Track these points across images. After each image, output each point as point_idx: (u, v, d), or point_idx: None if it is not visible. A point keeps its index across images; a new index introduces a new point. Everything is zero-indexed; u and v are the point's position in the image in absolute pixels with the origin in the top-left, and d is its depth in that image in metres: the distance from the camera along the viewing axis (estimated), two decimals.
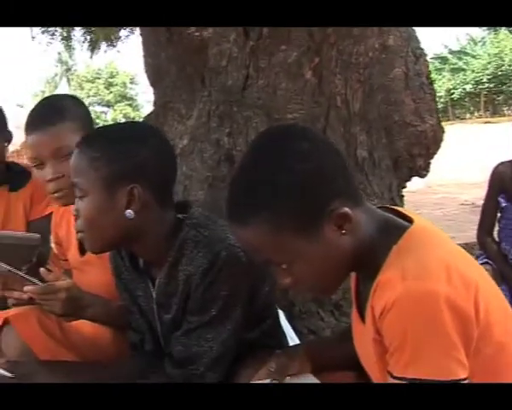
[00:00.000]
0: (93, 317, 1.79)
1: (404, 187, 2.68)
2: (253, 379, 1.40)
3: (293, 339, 1.84)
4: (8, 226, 2.61)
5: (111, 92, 41.26)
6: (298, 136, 1.20)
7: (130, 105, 41.52)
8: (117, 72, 41.88)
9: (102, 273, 1.84)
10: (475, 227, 2.93)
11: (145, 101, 42.49)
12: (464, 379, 1.06)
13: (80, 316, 1.78)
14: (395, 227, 1.20)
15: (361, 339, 1.30)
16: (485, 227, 2.88)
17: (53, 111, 1.81)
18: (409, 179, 2.69)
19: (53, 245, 2.26)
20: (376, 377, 1.24)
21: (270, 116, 2.34)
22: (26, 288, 1.67)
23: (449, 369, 1.05)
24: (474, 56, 31.95)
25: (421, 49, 2.62)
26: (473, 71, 31.19)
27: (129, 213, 1.44)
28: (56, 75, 45.20)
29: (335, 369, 1.43)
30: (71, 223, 2.01)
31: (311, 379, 1.38)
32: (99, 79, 41.33)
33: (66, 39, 10.48)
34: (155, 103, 3.09)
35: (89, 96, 40.59)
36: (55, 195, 1.82)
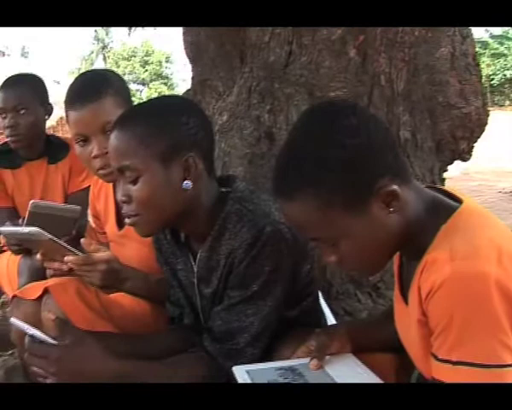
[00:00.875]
0: (131, 290, 1.79)
1: (446, 170, 2.65)
2: (293, 357, 1.39)
3: (330, 320, 1.83)
4: (46, 198, 2.65)
5: (146, 70, 41.43)
6: (347, 111, 1.17)
7: (165, 84, 41.63)
8: (153, 50, 42.01)
9: (140, 247, 1.84)
10: None
11: (180, 79, 42.62)
12: (511, 365, 1.04)
13: (119, 288, 1.79)
14: (443, 207, 1.18)
15: (403, 321, 1.28)
16: None
17: (97, 85, 1.77)
18: (451, 163, 2.65)
19: (90, 218, 2.28)
20: (418, 359, 1.22)
21: (312, 94, 2.32)
22: (66, 258, 1.68)
23: (496, 353, 1.03)
24: None
25: (469, 30, 2.57)
26: None
27: (187, 183, 1.40)
28: (92, 53, 45.59)
29: (375, 350, 1.41)
30: (109, 196, 2.02)
31: (350, 359, 1.36)
32: (135, 57, 41.51)
33: None
34: (193, 80, 3.09)
35: (124, 74, 40.70)
36: (101, 171, 1.78)
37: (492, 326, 1.02)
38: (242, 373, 1.31)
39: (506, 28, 32.26)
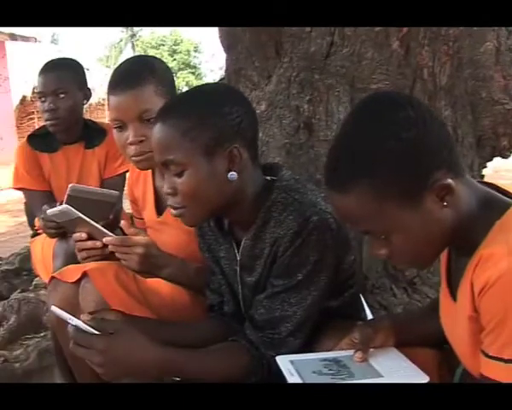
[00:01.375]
0: (169, 276, 1.79)
1: (486, 167, 2.62)
2: (336, 349, 1.38)
3: (367, 313, 1.82)
4: (82, 183, 2.66)
5: (174, 59, 41.53)
6: (403, 104, 1.16)
7: (193, 73, 41.69)
8: (181, 39, 42.06)
9: (179, 234, 1.84)
10: None
11: (208, 70, 42.67)
12: None
13: (156, 274, 1.79)
14: (497, 202, 1.16)
15: (450, 317, 1.27)
16: None
17: (139, 72, 1.75)
18: (491, 159, 2.63)
19: (128, 203, 2.29)
20: (466, 356, 1.21)
21: (353, 86, 2.31)
22: (105, 239, 1.69)
23: None
24: None
25: None
26: None
27: (232, 174, 1.40)
28: (121, 40, 45.79)
29: (418, 345, 1.41)
30: (148, 182, 2.03)
31: (394, 353, 1.36)
32: (163, 45, 41.61)
33: None
34: (227, 69, 3.09)
35: None
36: (136, 158, 1.79)
37: None
38: (286, 363, 1.31)
39: None
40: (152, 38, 42.32)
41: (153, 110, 1.70)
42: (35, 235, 2.85)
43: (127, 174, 2.70)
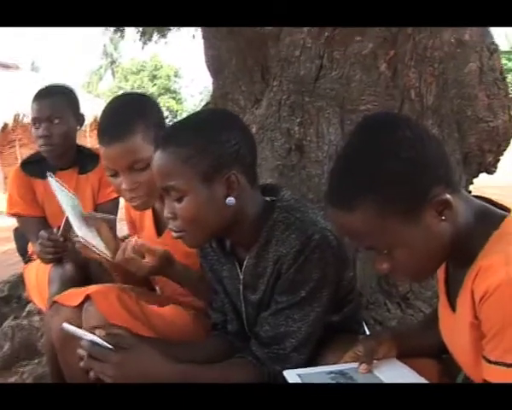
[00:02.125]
0: (173, 276, 1.85)
1: (472, 183, 2.68)
2: (340, 362, 1.42)
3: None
4: None
5: (155, 85, 41.56)
6: (402, 124, 1.22)
7: (173, 98, 41.74)
8: (161, 65, 42.15)
9: (178, 255, 1.87)
10: None
11: (188, 95, 42.78)
12: None
13: (163, 274, 1.84)
14: (492, 215, 1.22)
15: (450, 327, 1.31)
16: None
17: (126, 121, 1.77)
18: (477, 175, 2.69)
19: (125, 225, 2.31)
20: (468, 364, 1.26)
21: (342, 107, 2.36)
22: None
23: None
24: None
25: (496, 45, 2.61)
26: None
27: (230, 200, 1.44)
28: (101, 67, 45.82)
29: (418, 356, 1.45)
30: None
31: (396, 363, 1.40)
32: (143, 71, 41.65)
33: (121, 30, 10.63)
34: (214, 93, 3.14)
35: (133, 89, 40.94)
36: (131, 202, 1.84)
37: None
38: (294, 377, 1.34)
39: None
40: (132, 64, 42.36)
41: (143, 159, 1.75)
42: (28, 261, 2.86)
43: (121, 198, 2.75)
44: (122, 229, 2.59)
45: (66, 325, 1.43)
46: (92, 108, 11.82)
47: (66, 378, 1.98)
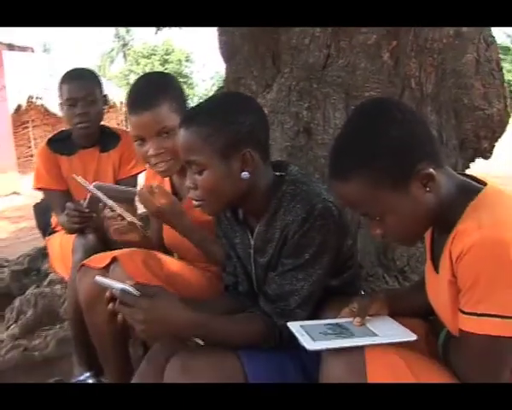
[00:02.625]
0: (185, 229, 2.05)
1: (468, 167, 2.84)
2: (338, 317, 1.60)
3: None
4: None
5: (166, 69, 41.43)
6: (393, 107, 1.41)
7: (185, 83, 41.74)
8: (173, 49, 42.10)
9: (195, 223, 2.06)
10: None
11: (200, 79, 42.71)
12: None
13: (176, 228, 2.04)
14: (471, 188, 1.40)
15: (434, 287, 1.50)
16: None
17: (155, 92, 1.98)
18: (473, 160, 2.85)
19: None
20: (447, 318, 1.44)
21: (348, 94, 2.53)
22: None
23: None
24: None
25: (493, 37, 2.76)
26: None
27: (245, 174, 1.63)
28: (113, 50, 45.86)
29: (407, 315, 1.62)
30: (164, 179, 2.25)
31: (387, 318, 1.58)
32: (155, 55, 41.58)
33: None
34: (227, 78, 3.28)
35: (144, 72, 41.02)
36: (156, 168, 2.04)
37: (511, 284, 1.24)
38: (297, 327, 1.51)
39: None
40: (143, 48, 42.30)
41: (169, 126, 1.97)
42: (51, 233, 3.04)
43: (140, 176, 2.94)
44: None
45: (98, 278, 1.61)
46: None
47: (92, 337, 2.18)
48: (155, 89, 2.00)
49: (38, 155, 2.98)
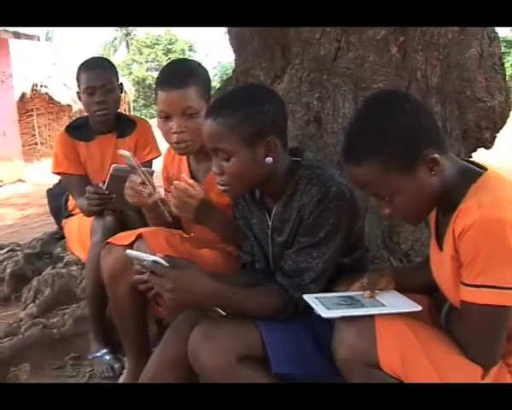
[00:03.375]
0: (214, 227, 2.13)
1: (471, 157, 2.96)
2: (349, 290, 1.73)
3: None
4: None
5: (169, 59, 41.39)
6: (402, 99, 1.54)
7: None
8: (176, 39, 42.03)
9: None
10: None
11: None
12: None
13: (204, 223, 2.10)
14: (472, 172, 1.54)
15: (438, 264, 1.63)
16: None
17: (185, 74, 2.11)
18: (475, 150, 2.97)
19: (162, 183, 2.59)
20: (450, 291, 1.57)
21: (357, 85, 2.64)
22: (175, 182, 2.01)
23: (510, 279, 1.39)
24: None
25: (496, 33, 2.88)
26: None
27: (268, 160, 1.75)
28: (116, 39, 45.77)
29: (413, 291, 1.74)
30: (183, 164, 2.38)
31: (394, 292, 1.71)
32: (158, 44, 41.52)
33: None
34: (236, 69, 3.38)
35: (147, 62, 40.94)
36: (176, 145, 2.15)
37: (508, 258, 1.38)
38: (312, 299, 1.65)
39: None
40: (147, 37, 42.24)
41: (194, 107, 2.08)
42: (67, 216, 3.15)
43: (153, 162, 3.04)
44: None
45: (129, 251, 1.74)
46: None
47: (113, 312, 2.29)
48: (186, 71, 2.13)
49: (57, 141, 3.08)
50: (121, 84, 3.04)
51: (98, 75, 2.88)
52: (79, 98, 2.99)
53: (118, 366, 2.61)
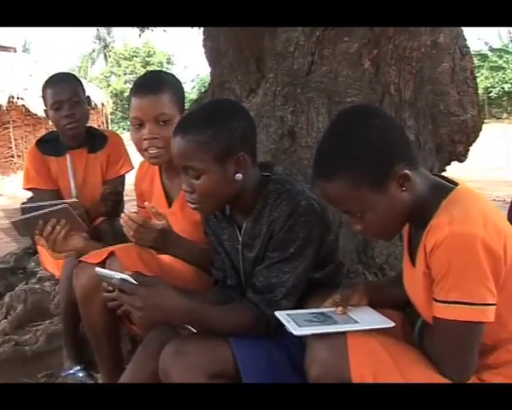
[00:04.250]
0: (177, 255, 2.14)
1: (445, 170, 2.98)
2: (321, 307, 1.71)
3: None
4: (87, 184, 2.96)
5: (148, 71, 41.41)
6: (372, 114, 1.54)
7: None
8: (154, 51, 42.03)
9: (185, 222, 2.17)
10: None
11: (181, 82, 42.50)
12: (493, 304, 1.39)
13: (166, 252, 2.12)
14: (443, 187, 1.54)
15: (411, 280, 1.62)
16: None
17: (158, 82, 2.13)
18: (449, 163, 2.99)
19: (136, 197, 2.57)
20: (423, 307, 1.57)
21: (330, 99, 2.65)
22: (128, 214, 2.01)
23: (481, 295, 1.39)
24: None
25: (467, 48, 2.92)
26: None
27: (238, 176, 1.74)
28: (94, 51, 45.66)
29: (385, 307, 1.73)
30: (155, 178, 2.36)
31: (367, 308, 1.70)
32: (136, 57, 41.49)
33: None
34: (212, 82, 3.39)
35: (125, 74, 40.90)
36: (149, 152, 2.14)
37: (479, 274, 1.38)
38: (284, 315, 1.63)
39: (505, 42, 32.40)
40: (125, 50, 42.21)
41: (167, 114, 2.09)
42: None
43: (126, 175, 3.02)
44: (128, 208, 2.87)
45: (98, 269, 1.71)
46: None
47: (86, 329, 2.26)
48: (160, 79, 2.16)
49: (28, 157, 3.04)
50: (88, 97, 3.02)
51: (64, 89, 2.85)
52: (47, 116, 2.95)
53: (91, 383, 2.56)
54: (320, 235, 1.80)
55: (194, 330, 1.73)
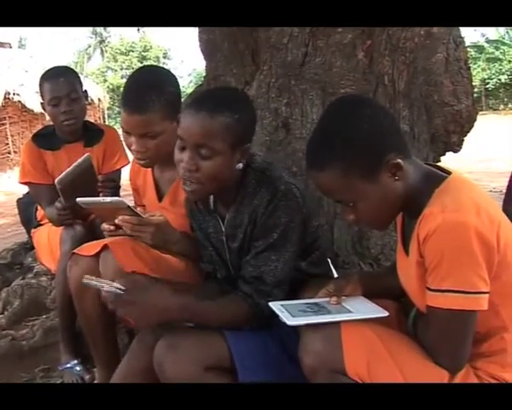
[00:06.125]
0: (177, 251, 2.12)
1: (439, 161, 2.98)
2: (316, 297, 1.71)
3: None
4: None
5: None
6: (364, 103, 1.53)
7: None
8: (151, 46, 41.86)
9: (176, 217, 2.16)
10: None
11: (177, 76, 42.45)
12: (485, 293, 1.39)
13: (166, 249, 2.10)
14: (436, 176, 1.53)
15: (405, 269, 1.62)
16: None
17: (146, 97, 2.01)
18: (443, 154, 2.99)
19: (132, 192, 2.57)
20: (416, 296, 1.57)
21: (324, 90, 2.64)
22: (122, 217, 1.95)
23: (474, 283, 1.39)
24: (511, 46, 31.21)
25: (462, 38, 2.91)
26: (509, 61, 30.41)
27: (239, 166, 1.76)
28: (90, 46, 45.49)
29: (380, 296, 1.74)
30: (147, 173, 2.36)
31: (361, 298, 1.70)
32: (133, 51, 41.30)
33: None
34: (207, 76, 3.37)
35: (122, 69, 40.73)
36: (137, 161, 2.13)
37: (472, 262, 1.38)
38: (278, 306, 1.63)
39: (502, 33, 32.38)
40: (121, 45, 42.06)
41: (155, 131, 2.04)
42: (36, 226, 3.10)
43: (122, 169, 3.02)
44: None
45: (86, 280, 1.70)
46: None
47: (81, 323, 2.27)
48: (149, 93, 2.02)
49: (24, 151, 3.04)
50: (86, 91, 2.99)
51: (62, 85, 2.82)
52: (44, 109, 2.94)
53: (88, 377, 2.57)
54: (302, 220, 1.80)
55: (191, 325, 1.73)
